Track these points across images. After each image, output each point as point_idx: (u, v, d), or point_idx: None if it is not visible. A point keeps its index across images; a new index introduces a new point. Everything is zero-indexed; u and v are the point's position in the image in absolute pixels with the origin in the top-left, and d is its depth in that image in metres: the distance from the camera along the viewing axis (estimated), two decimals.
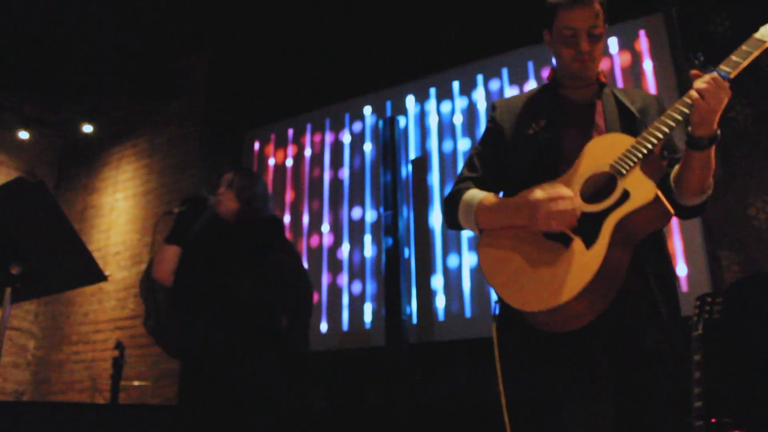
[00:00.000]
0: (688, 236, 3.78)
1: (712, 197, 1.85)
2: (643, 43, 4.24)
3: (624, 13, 4.28)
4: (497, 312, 1.77)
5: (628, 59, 4.27)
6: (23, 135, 6.65)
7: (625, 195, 1.62)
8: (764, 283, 3.34)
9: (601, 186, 1.69)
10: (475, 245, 1.84)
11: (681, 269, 3.76)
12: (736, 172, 3.69)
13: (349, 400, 4.65)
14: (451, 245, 4.59)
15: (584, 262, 1.58)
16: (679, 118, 1.66)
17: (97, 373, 5.97)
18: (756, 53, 1.71)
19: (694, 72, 1.68)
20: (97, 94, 6.99)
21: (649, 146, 1.67)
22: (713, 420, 2.66)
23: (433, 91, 5.04)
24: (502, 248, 1.74)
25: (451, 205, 1.90)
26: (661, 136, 1.67)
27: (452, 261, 4.56)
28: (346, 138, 5.39)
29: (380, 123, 5.04)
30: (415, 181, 4.90)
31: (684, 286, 3.73)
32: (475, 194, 1.84)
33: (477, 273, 4.43)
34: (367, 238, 4.99)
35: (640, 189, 1.62)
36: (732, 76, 1.65)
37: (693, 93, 1.62)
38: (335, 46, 5.55)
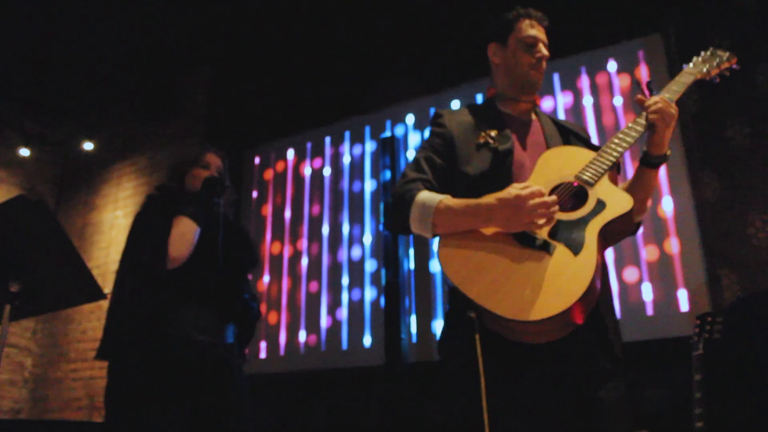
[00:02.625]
0: (687, 255, 3.78)
1: (712, 216, 1.92)
2: (641, 63, 4.27)
3: (622, 33, 4.31)
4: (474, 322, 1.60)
5: (627, 81, 4.29)
6: (24, 152, 6.68)
7: (601, 204, 1.68)
8: (765, 301, 3.33)
9: (568, 195, 1.73)
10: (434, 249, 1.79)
11: (680, 289, 3.75)
12: (736, 191, 3.70)
13: (348, 420, 4.62)
14: None
15: (577, 268, 1.56)
16: (638, 133, 1.83)
17: (95, 391, 5.94)
18: (689, 83, 1.97)
19: (639, 97, 1.86)
20: (98, 111, 7.02)
21: (614, 158, 1.78)
22: None
23: (433, 110, 5.06)
24: (474, 254, 1.66)
25: (401, 205, 1.79)
26: (622, 149, 1.80)
27: None
28: (346, 157, 5.40)
29: (380, 142, 5.05)
30: None
31: (684, 306, 3.72)
32: (430, 195, 1.75)
33: None
34: (367, 257, 4.98)
35: (616, 198, 1.70)
36: (675, 100, 1.86)
37: (652, 115, 1.80)
38: (335, 65, 5.57)
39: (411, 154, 5.05)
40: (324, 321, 5.00)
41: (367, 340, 4.76)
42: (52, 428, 4.97)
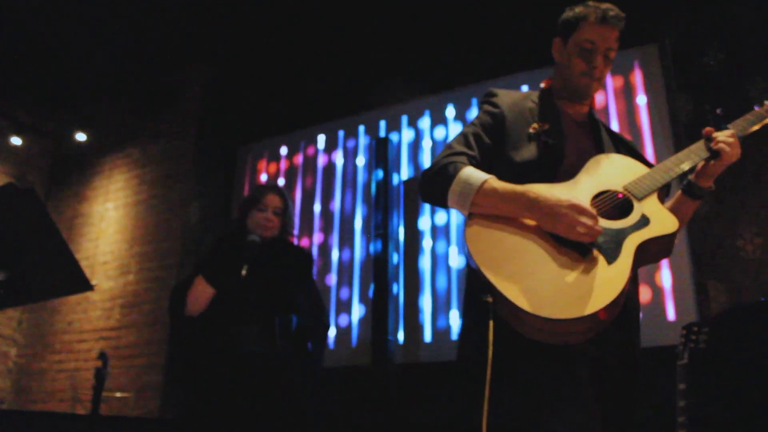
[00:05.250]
0: (676, 266, 3.80)
1: (702, 227, 1.91)
2: (636, 72, 4.29)
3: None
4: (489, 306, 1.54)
5: (620, 89, 4.31)
6: (16, 141, 6.64)
7: (644, 219, 1.65)
8: (751, 313, 3.35)
9: (612, 204, 1.70)
10: (464, 226, 1.67)
11: (668, 298, 3.77)
12: (725, 204, 3.72)
13: (334, 419, 4.61)
14: (440, 266, 4.60)
15: (609, 277, 1.52)
16: (699, 159, 1.77)
17: (79, 383, 5.91)
18: (758, 124, 1.88)
19: (707, 129, 1.79)
20: (92, 103, 6.99)
21: (669, 177, 1.74)
22: None
23: (427, 112, 5.07)
24: (504, 239, 1.61)
25: (441, 177, 1.72)
26: (679, 171, 1.76)
27: (441, 282, 4.56)
28: (339, 157, 5.40)
29: (373, 142, 5.05)
30: (407, 202, 4.91)
31: (671, 315, 3.74)
32: (475, 173, 1.68)
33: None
34: (357, 259, 4.98)
35: (662, 217, 1.66)
36: (744, 134, 1.82)
37: (722, 146, 1.74)
38: (330, 65, 5.57)
39: (404, 155, 5.05)
40: None
41: (354, 340, 4.75)
42: (35, 419, 4.94)
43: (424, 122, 5.06)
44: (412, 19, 5.14)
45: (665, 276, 3.82)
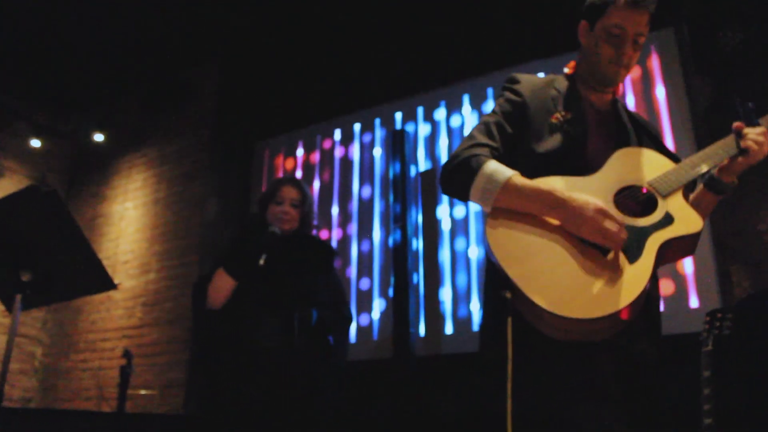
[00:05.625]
0: (698, 252, 3.74)
1: (723, 213, 1.87)
2: (653, 58, 4.24)
3: None
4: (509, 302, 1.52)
5: (638, 74, 4.27)
6: (35, 143, 6.70)
7: (668, 218, 1.61)
8: None
9: (636, 201, 1.67)
10: (485, 221, 1.64)
11: (691, 285, 3.74)
12: (747, 188, 3.67)
13: (356, 413, 4.63)
14: (460, 258, 4.59)
15: (630, 276, 1.50)
16: (727, 155, 1.70)
17: (104, 382, 5.97)
18: None
19: (737, 124, 1.71)
20: (109, 103, 7.04)
21: (695, 174, 1.69)
22: None
23: (443, 103, 5.05)
24: (526, 235, 1.59)
25: (464, 171, 1.67)
26: (707, 167, 1.70)
27: (461, 278, 4.55)
28: (355, 150, 5.40)
29: (390, 135, 5.05)
30: (425, 193, 4.90)
31: (694, 302, 3.71)
32: (499, 168, 1.64)
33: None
34: (377, 252, 4.99)
35: (686, 216, 1.62)
36: None
37: (751, 144, 1.67)
38: (345, 58, 5.57)
39: (421, 146, 5.04)
40: None
41: (376, 333, 4.76)
42: (61, 418, 4.99)
43: (440, 113, 5.05)
44: (426, 10, 5.12)
45: (687, 263, 3.78)
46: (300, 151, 5.76)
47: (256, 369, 2.60)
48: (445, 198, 4.78)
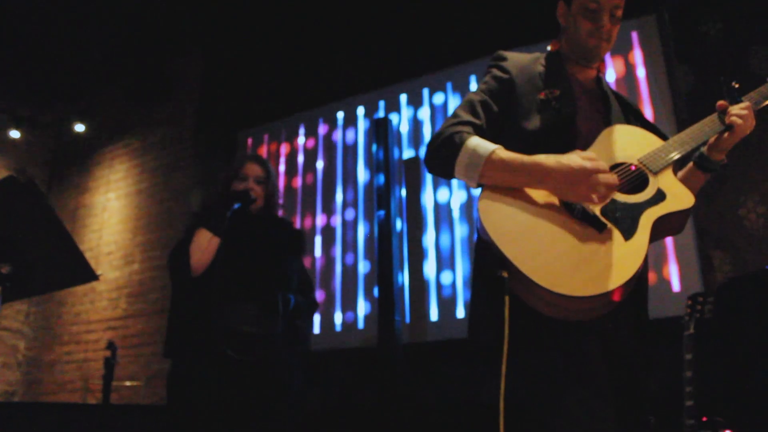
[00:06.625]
0: (679, 236, 3.78)
1: (705, 197, 1.88)
2: (635, 44, 4.26)
3: None
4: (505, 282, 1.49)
5: (620, 62, 4.28)
6: (14, 134, 6.63)
7: (660, 194, 1.62)
8: (755, 282, 3.36)
9: (627, 178, 1.67)
10: (477, 199, 1.62)
11: (673, 269, 3.77)
12: (728, 173, 3.70)
13: (342, 401, 4.65)
14: (446, 258, 4.60)
15: (626, 253, 1.49)
16: (713, 132, 1.75)
17: (88, 374, 5.95)
18: None
19: (721, 102, 1.76)
20: (90, 94, 6.98)
21: (684, 151, 1.71)
22: (704, 419, 2.67)
23: (426, 91, 5.05)
24: (520, 213, 1.57)
25: (448, 147, 1.65)
26: (696, 144, 1.73)
27: (445, 266, 4.56)
28: (338, 138, 5.38)
29: (373, 123, 5.04)
30: (408, 180, 4.90)
31: (676, 286, 3.74)
32: (482, 143, 1.62)
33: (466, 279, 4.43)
34: (360, 241, 4.99)
35: (678, 193, 1.63)
36: (757, 108, 1.78)
37: (735, 119, 1.71)
38: (328, 47, 5.55)
39: (404, 134, 5.04)
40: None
41: (360, 322, 4.77)
42: (46, 411, 4.97)
43: (424, 101, 5.04)
44: None
45: (669, 247, 3.81)
46: (283, 140, 5.74)
47: (232, 358, 2.53)
48: (429, 183, 4.78)
